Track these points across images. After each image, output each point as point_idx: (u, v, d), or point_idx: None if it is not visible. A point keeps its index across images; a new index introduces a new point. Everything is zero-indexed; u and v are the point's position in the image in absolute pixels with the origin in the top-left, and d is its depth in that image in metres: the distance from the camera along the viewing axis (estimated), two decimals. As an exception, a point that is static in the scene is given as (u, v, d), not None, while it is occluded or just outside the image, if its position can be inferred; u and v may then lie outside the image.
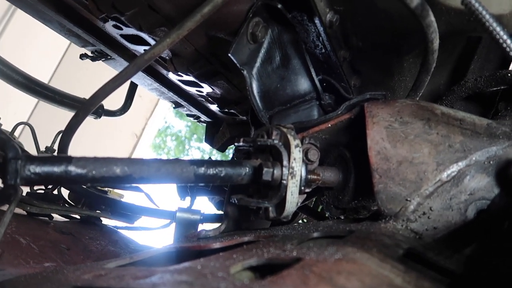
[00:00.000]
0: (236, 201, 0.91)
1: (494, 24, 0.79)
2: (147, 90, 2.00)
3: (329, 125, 1.01)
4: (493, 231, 0.72)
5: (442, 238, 0.76)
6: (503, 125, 0.82)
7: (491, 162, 0.78)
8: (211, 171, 0.82)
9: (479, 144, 0.80)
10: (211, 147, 2.66)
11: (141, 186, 1.55)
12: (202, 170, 0.81)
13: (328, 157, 1.16)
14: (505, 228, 0.69)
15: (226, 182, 0.86)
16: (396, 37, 1.14)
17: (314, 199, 2.55)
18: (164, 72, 1.72)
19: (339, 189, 1.05)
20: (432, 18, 0.90)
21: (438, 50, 0.98)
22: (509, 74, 1.03)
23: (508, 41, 0.79)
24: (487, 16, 0.79)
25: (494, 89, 1.09)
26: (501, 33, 0.79)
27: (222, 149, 2.59)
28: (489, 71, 1.33)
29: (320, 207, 1.99)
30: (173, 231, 1.34)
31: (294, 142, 0.86)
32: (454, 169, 0.79)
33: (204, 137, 2.56)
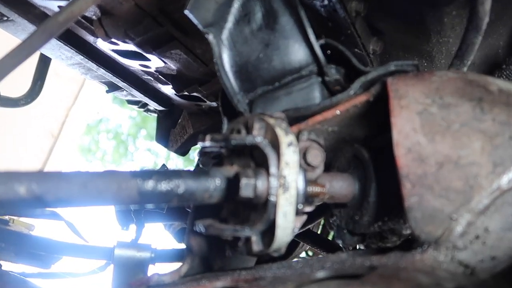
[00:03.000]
0: (203, 230, 0.92)
1: None
2: (66, 67, 1.97)
3: (338, 112, 1.02)
4: None
5: (503, 273, 0.77)
6: None
7: None
8: (164, 186, 0.82)
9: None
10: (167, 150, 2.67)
11: (59, 211, 1.54)
12: (149, 185, 0.81)
13: (337, 159, 1.17)
14: None
15: (187, 201, 0.86)
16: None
17: (321, 222, 2.58)
18: (90, 39, 1.72)
19: (355, 206, 1.07)
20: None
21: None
22: None
23: None
24: None
25: None
26: None
27: (182, 151, 2.58)
28: None
29: (332, 233, 2.03)
30: (111, 278, 1.33)
31: (285, 139, 0.86)
32: (518, 171, 0.81)
33: (155, 134, 2.55)
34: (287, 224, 0.85)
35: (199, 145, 0.99)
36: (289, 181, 0.84)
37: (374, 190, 1.00)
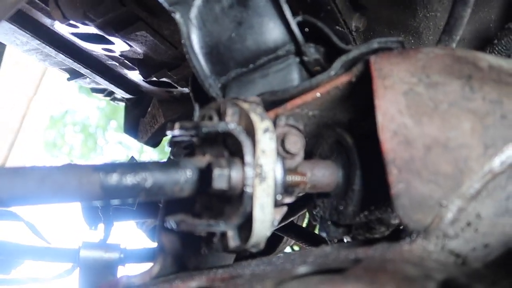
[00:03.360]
0: (174, 226, 0.91)
1: None
2: (22, 53, 1.94)
3: (318, 95, 1.02)
4: None
5: (497, 261, 0.78)
6: None
7: None
8: (129, 179, 0.82)
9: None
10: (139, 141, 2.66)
11: (17, 210, 1.52)
12: (113, 179, 0.81)
13: (319, 146, 1.17)
14: None
15: (156, 196, 0.85)
16: None
17: (305, 214, 2.59)
18: (47, 21, 1.69)
19: (339, 195, 1.07)
20: None
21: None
22: None
23: None
24: None
25: None
26: None
27: (153, 142, 2.57)
28: None
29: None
30: (77, 281, 1.32)
31: (261, 124, 0.86)
32: (511, 152, 0.82)
33: (123, 124, 2.53)
34: (265, 216, 0.85)
35: (168, 134, 0.98)
36: (266, 170, 0.84)
37: (359, 177, 1.00)
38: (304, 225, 2.69)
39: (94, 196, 0.80)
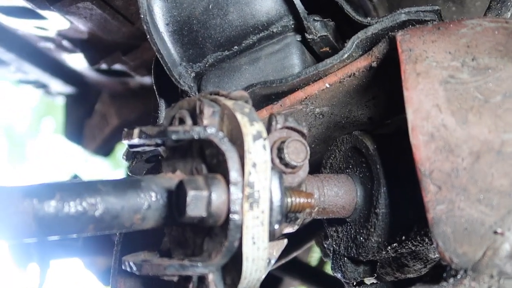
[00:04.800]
0: (134, 269, 0.91)
1: None
2: None
3: (327, 86, 1.02)
4: None
5: None
6: None
7: None
8: (73, 207, 0.81)
9: None
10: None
11: None
12: (51, 206, 0.80)
13: (330, 155, 1.17)
14: None
15: (110, 228, 0.85)
16: None
17: (311, 248, 2.58)
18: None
19: (359, 222, 1.08)
20: None
21: None
22: None
23: None
24: None
25: None
26: None
27: (104, 151, 2.56)
28: None
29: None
30: None
31: (251, 128, 0.86)
32: None
33: (63, 127, 2.52)
34: (258, 253, 0.85)
35: (124, 143, 0.98)
36: (258, 191, 0.85)
37: (384, 196, 1.01)
38: (314, 263, 2.69)
39: (25, 232, 0.79)
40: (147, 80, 1.89)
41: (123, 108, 2.09)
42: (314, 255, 2.77)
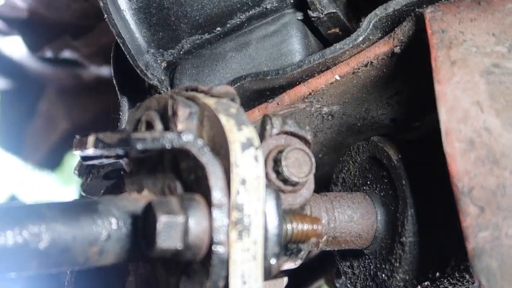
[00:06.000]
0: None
1: None
2: None
3: (337, 78, 1.03)
4: None
5: None
6: None
7: None
8: (10, 237, 0.81)
9: None
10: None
11: None
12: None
13: (342, 168, 1.18)
14: None
15: (58, 265, 0.86)
16: None
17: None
18: None
19: (380, 255, 1.09)
20: None
21: None
22: None
23: None
24: None
25: None
26: None
27: (50, 163, 2.55)
28: None
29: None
30: None
31: (238, 134, 0.87)
32: None
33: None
34: (249, 299, 0.86)
35: (76, 154, 0.98)
36: (249, 215, 0.85)
37: (412, 221, 1.01)
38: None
39: None
40: (105, 71, 1.89)
41: (74, 108, 2.08)
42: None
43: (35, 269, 0.84)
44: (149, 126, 0.93)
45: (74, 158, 2.22)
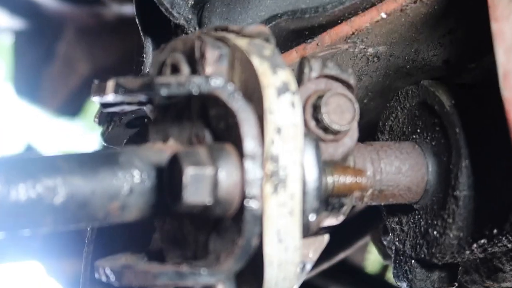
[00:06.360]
0: (112, 278, 0.91)
1: None
2: None
3: (383, 16, 1.02)
4: None
5: None
6: None
7: None
8: (23, 192, 0.81)
9: None
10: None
11: None
12: (-7, 191, 0.80)
13: (389, 114, 1.17)
14: None
15: (76, 221, 0.86)
16: None
17: (367, 248, 2.57)
18: None
19: (431, 210, 1.08)
20: None
21: None
22: None
23: None
24: None
25: None
26: None
27: (70, 110, 2.56)
28: None
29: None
30: None
31: (273, 78, 0.86)
32: None
33: (12, 81, 2.52)
34: (287, 255, 0.85)
35: (95, 101, 0.98)
36: (285, 167, 0.85)
37: (466, 173, 1.01)
38: (370, 268, 2.70)
39: None
40: (128, 9, 1.88)
41: (94, 50, 2.08)
42: (370, 257, 2.76)
43: (50, 225, 0.84)
44: (175, 69, 0.92)
45: (95, 104, 2.23)
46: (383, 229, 1.15)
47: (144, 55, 1.19)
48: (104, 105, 0.95)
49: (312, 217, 0.87)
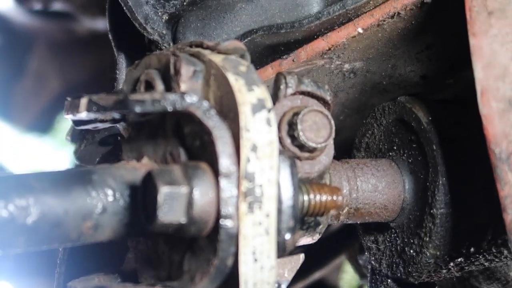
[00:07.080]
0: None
1: None
2: None
3: (360, 31, 1.03)
4: None
5: None
6: None
7: None
8: None
9: None
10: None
11: None
12: None
13: (365, 131, 1.17)
14: None
15: (49, 242, 0.86)
16: None
17: (342, 265, 2.57)
18: None
19: (408, 228, 1.08)
20: None
21: None
22: None
23: None
24: None
25: None
26: None
27: (41, 126, 2.56)
28: None
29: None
30: None
31: (249, 95, 0.86)
32: None
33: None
34: (262, 275, 0.85)
35: (67, 118, 0.98)
36: (260, 185, 0.85)
37: (443, 191, 1.01)
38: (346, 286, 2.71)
39: None
40: (100, 24, 1.88)
41: (66, 66, 2.08)
42: (345, 277, 2.76)
43: (23, 246, 0.84)
44: (149, 86, 0.92)
45: (67, 121, 2.22)
46: (358, 248, 1.15)
47: (118, 71, 1.19)
48: (77, 123, 0.94)
49: (287, 236, 0.87)
